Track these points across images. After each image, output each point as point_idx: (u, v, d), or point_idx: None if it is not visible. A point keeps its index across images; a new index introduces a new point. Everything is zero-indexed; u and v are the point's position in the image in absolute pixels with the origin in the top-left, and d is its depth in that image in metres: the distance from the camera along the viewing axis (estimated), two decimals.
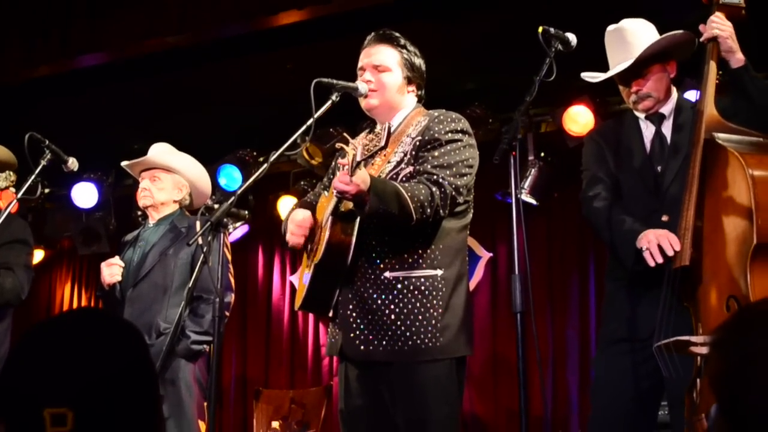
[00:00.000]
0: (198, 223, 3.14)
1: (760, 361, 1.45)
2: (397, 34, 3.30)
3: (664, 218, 3.20)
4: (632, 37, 3.37)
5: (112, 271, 4.20)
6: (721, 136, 3.00)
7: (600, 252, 6.22)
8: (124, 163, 4.53)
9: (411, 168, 3.10)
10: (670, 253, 3.01)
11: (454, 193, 3.03)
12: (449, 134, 3.12)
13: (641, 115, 3.43)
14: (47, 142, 3.97)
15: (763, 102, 3.12)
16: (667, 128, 3.38)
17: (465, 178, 3.10)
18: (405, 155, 3.13)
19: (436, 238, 3.09)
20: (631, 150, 3.40)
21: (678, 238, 3.01)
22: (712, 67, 3.14)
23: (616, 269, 3.37)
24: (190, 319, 4.06)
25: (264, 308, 7.65)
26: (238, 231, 7.14)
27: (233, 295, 4.21)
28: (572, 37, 3.11)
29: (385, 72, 3.23)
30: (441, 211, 3.01)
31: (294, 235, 3.22)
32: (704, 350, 2.80)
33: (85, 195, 7.30)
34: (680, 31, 3.33)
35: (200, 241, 3.04)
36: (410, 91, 3.29)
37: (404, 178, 3.08)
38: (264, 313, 7.64)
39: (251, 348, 7.63)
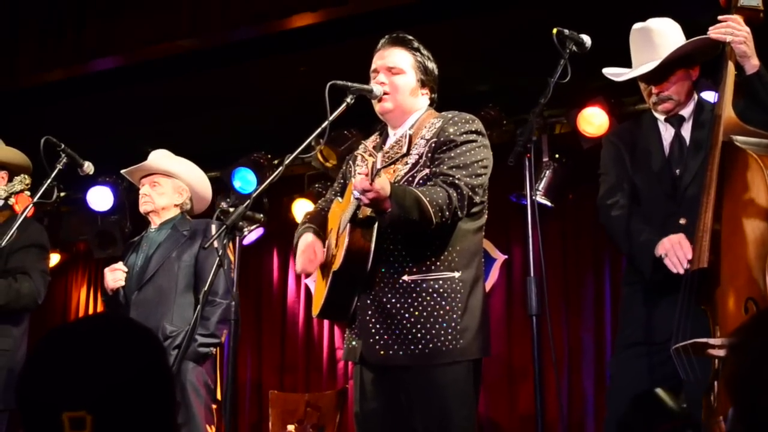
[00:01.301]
0: (214, 227, 3.15)
1: None
2: (411, 37, 3.29)
3: (682, 221, 3.18)
4: (659, 38, 3.34)
5: (115, 276, 4.24)
6: (739, 139, 2.97)
7: (615, 254, 6.19)
8: (123, 171, 4.55)
9: (427, 170, 3.09)
10: (685, 265, 3.00)
11: (470, 193, 3.03)
12: (464, 135, 3.11)
13: (660, 117, 3.41)
14: (63, 146, 3.98)
15: None
16: (686, 130, 3.36)
17: (480, 178, 3.10)
18: (420, 157, 3.13)
19: (453, 240, 3.08)
20: (649, 152, 3.38)
21: (692, 244, 3.00)
22: (731, 69, 3.09)
23: (632, 274, 3.36)
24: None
25: (279, 311, 7.63)
26: (252, 234, 7.13)
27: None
28: (587, 39, 3.09)
29: (398, 74, 3.23)
30: (459, 212, 3.01)
31: (304, 266, 3.24)
32: (722, 353, 2.79)
33: (100, 198, 7.32)
34: (706, 36, 3.25)
35: (216, 244, 3.06)
36: (423, 94, 3.28)
37: (421, 181, 3.08)
38: (279, 316, 7.62)
39: (266, 351, 7.61)
